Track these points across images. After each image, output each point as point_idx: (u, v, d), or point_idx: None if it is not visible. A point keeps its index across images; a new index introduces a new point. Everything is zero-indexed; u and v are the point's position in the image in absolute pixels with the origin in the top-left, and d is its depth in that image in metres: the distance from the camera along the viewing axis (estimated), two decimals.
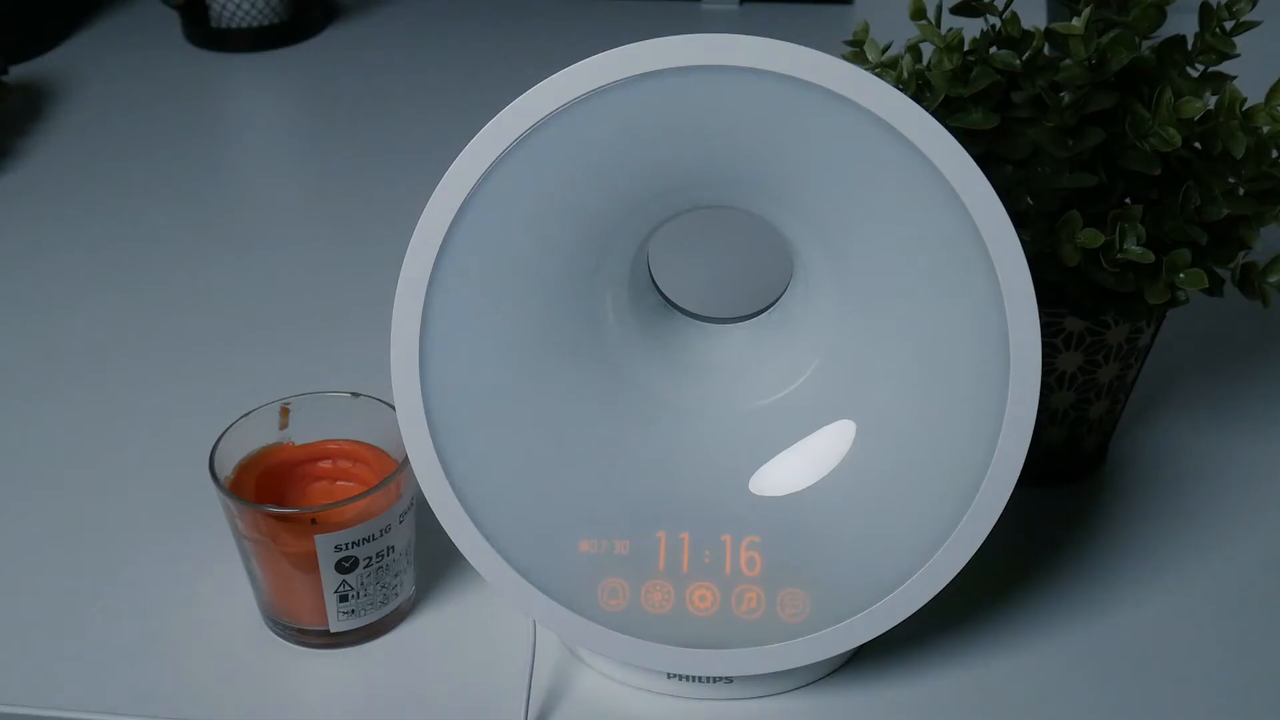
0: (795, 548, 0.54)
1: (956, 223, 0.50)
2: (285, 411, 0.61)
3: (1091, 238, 0.56)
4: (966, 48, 0.59)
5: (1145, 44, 0.59)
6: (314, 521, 0.57)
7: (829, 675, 0.59)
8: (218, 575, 0.63)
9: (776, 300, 0.59)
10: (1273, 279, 0.59)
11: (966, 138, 0.58)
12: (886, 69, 0.61)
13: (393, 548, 0.58)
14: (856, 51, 0.61)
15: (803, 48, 0.49)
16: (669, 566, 0.55)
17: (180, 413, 0.75)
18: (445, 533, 0.54)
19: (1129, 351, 0.64)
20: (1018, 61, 0.58)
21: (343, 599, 0.58)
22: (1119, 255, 0.56)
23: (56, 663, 0.60)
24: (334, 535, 0.56)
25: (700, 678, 0.57)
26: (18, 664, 0.60)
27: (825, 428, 0.55)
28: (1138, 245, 0.56)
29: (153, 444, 0.73)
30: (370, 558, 0.58)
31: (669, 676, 0.57)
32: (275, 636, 0.60)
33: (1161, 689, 0.58)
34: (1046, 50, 0.59)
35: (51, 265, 0.89)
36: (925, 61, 0.60)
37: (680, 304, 0.59)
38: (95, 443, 0.73)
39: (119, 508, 0.68)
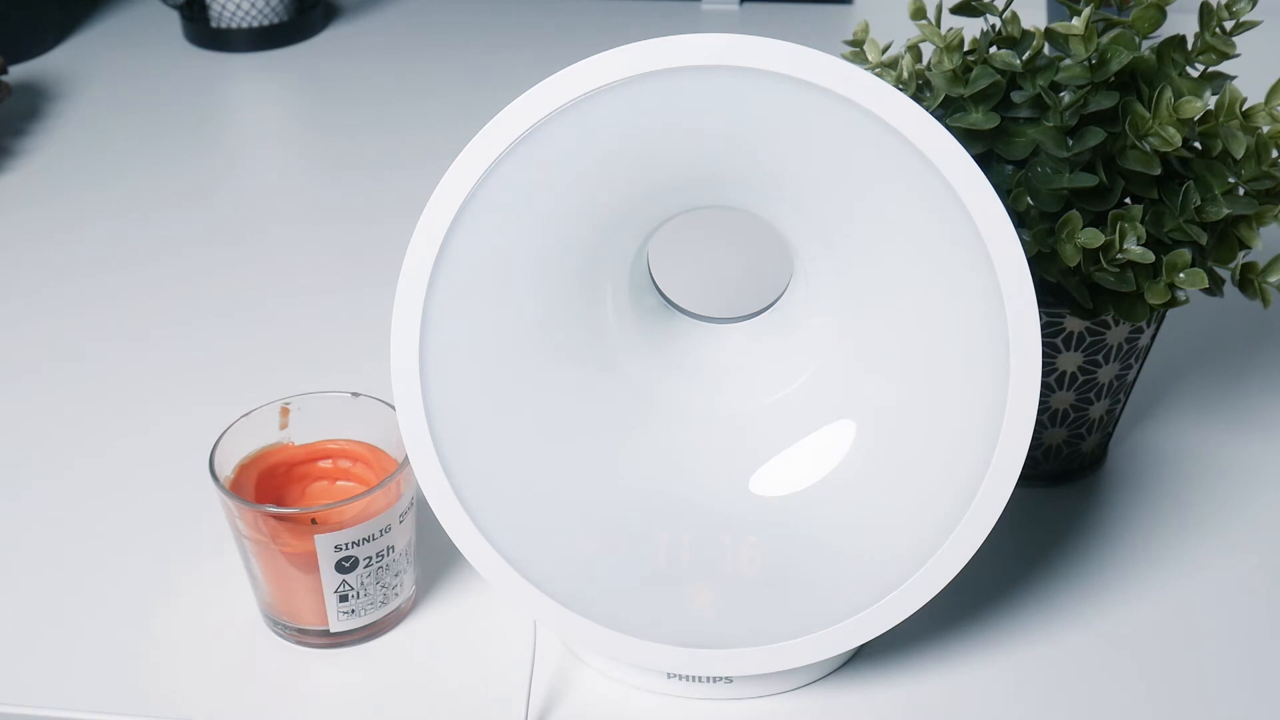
0: (795, 548, 0.54)
1: (956, 223, 0.50)
2: (285, 411, 0.61)
3: (1091, 238, 0.56)
4: (966, 48, 0.59)
5: (1145, 44, 0.59)
6: (314, 521, 0.57)
7: (829, 675, 0.59)
8: (218, 575, 0.63)
9: (776, 300, 0.59)
10: (1273, 279, 0.59)
11: (966, 138, 0.58)
12: (886, 69, 0.61)
13: (393, 548, 0.58)
14: (856, 51, 0.61)
15: (803, 48, 0.49)
16: (669, 566, 0.55)
17: (180, 413, 0.75)
18: (445, 533, 0.54)
19: (1129, 351, 0.64)
20: (1018, 61, 0.58)
21: (343, 599, 0.58)
22: (1119, 255, 0.56)
23: (56, 663, 0.60)
24: (334, 535, 0.56)
25: (700, 678, 0.57)
26: (17, 664, 0.60)
27: (825, 428, 0.55)
28: (1138, 245, 0.56)
29: (153, 443, 0.73)
30: (370, 558, 0.58)
31: (669, 676, 0.57)
32: (275, 636, 0.60)
33: (1161, 688, 0.58)
34: (1046, 50, 0.59)
35: (51, 265, 0.89)
36: (925, 61, 0.60)
37: (680, 304, 0.59)
38: (95, 442, 0.73)
39: (119, 507, 0.68)
